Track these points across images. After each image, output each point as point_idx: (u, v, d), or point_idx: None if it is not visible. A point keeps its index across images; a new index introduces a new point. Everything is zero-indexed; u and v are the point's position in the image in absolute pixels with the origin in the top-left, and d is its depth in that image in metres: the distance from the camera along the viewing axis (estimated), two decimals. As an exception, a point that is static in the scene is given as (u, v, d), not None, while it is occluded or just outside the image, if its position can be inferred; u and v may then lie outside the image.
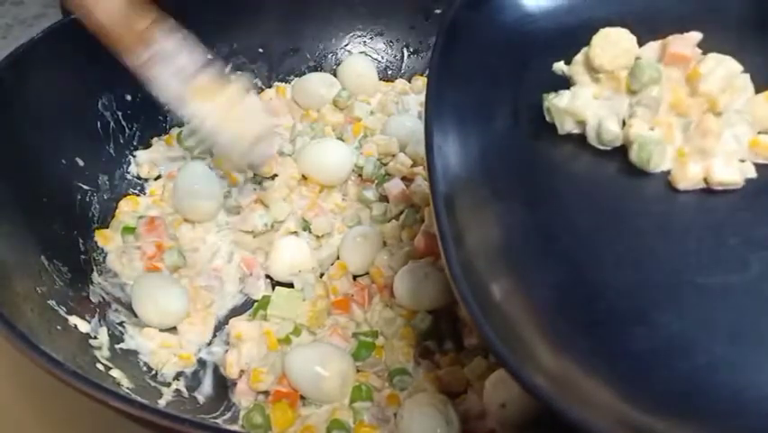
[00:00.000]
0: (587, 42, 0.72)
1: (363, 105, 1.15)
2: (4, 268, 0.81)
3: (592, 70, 0.72)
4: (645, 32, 0.72)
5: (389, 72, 1.24)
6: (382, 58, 1.24)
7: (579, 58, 0.74)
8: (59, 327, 0.82)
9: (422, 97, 1.16)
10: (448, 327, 0.88)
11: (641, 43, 0.72)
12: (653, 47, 0.71)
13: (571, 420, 0.49)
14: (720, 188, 0.66)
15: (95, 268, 0.96)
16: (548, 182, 0.69)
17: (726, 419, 0.52)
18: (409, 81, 1.22)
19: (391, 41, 1.24)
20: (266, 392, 0.83)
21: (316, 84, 1.17)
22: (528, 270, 0.62)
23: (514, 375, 0.51)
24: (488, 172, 0.69)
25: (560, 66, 0.74)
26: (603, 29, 0.72)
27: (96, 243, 0.99)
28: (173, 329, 0.91)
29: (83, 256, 0.96)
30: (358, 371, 0.84)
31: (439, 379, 0.83)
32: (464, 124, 0.71)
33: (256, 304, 0.92)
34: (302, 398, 0.82)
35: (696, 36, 0.70)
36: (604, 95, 0.71)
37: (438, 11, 1.19)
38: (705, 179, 0.66)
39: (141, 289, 0.92)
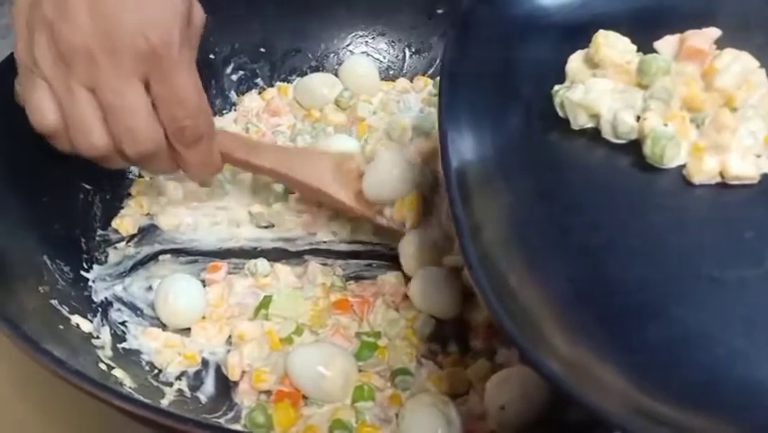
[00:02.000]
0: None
1: (366, 105, 1.14)
2: (5, 268, 0.81)
3: (595, 66, 0.73)
4: (661, 26, 0.72)
5: (391, 72, 1.24)
6: (384, 58, 1.24)
7: (576, 56, 0.74)
8: (61, 327, 0.82)
9: (423, 96, 1.17)
10: (453, 330, 0.88)
11: (656, 38, 0.72)
12: (669, 41, 0.71)
13: (588, 407, 0.49)
14: (736, 182, 0.66)
15: (97, 267, 0.96)
16: (563, 176, 0.69)
17: (744, 412, 0.52)
18: (411, 81, 1.22)
19: (393, 42, 1.24)
20: (268, 392, 0.83)
21: (318, 84, 1.17)
22: (544, 262, 0.62)
23: (531, 362, 0.51)
24: (502, 166, 0.69)
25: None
26: (601, 30, 0.73)
27: (97, 242, 0.99)
28: (182, 331, 0.91)
29: (85, 256, 0.96)
30: (360, 371, 0.84)
31: (441, 379, 0.83)
32: (478, 118, 0.71)
33: (257, 304, 0.91)
34: (304, 398, 0.82)
35: (714, 32, 0.70)
36: (617, 87, 0.71)
37: (440, 11, 1.19)
38: (720, 174, 0.66)
39: (166, 287, 0.91)
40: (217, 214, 1.04)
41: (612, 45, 0.72)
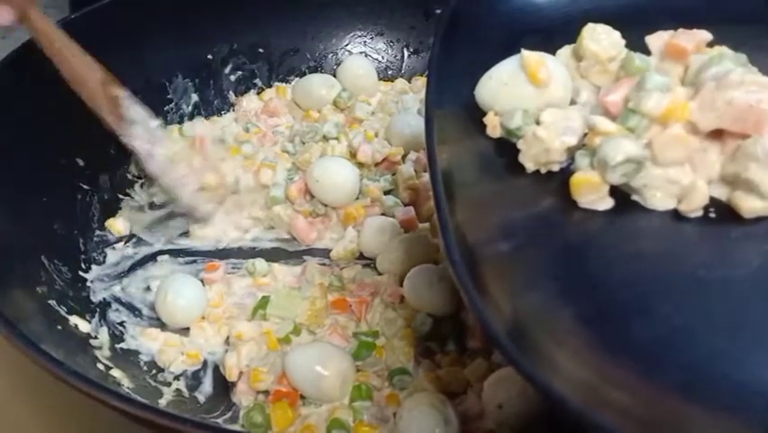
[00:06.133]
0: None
1: (364, 106, 1.15)
2: (4, 268, 0.82)
3: (581, 61, 0.72)
4: (655, 23, 0.72)
5: (390, 72, 1.25)
6: (382, 58, 1.24)
7: (564, 51, 0.74)
8: (59, 327, 0.83)
9: (422, 96, 1.16)
10: (451, 329, 0.87)
11: (649, 33, 0.72)
12: (661, 36, 0.71)
13: (570, 410, 0.48)
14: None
15: (95, 268, 0.96)
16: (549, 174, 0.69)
17: (728, 412, 0.52)
18: (409, 81, 1.23)
19: (391, 42, 1.24)
20: (266, 392, 0.83)
21: (317, 85, 1.17)
22: (529, 260, 0.62)
23: (515, 366, 0.51)
24: (489, 165, 0.69)
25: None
26: (590, 24, 0.72)
27: (96, 243, 0.99)
28: (180, 331, 0.91)
29: (83, 256, 0.96)
30: (358, 370, 0.84)
31: (439, 379, 0.83)
32: (466, 115, 0.71)
33: (255, 305, 0.92)
34: (302, 397, 0.82)
35: (705, 35, 0.70)
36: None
37: (439, 11, 1.17)
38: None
39: (166, 286, 0.92)
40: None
41: (597, 40, 0.71)
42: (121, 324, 0.91)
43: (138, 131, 1.01)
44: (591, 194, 0.64)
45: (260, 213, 1.04)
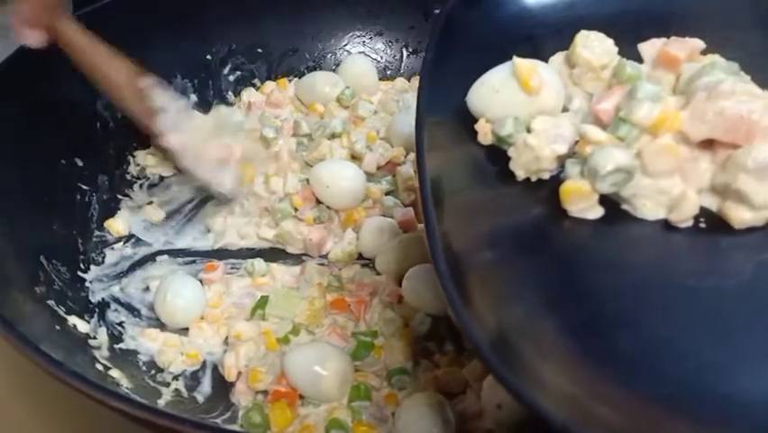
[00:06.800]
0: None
1: (366, 104, 1.15)
2: (3, 268, 0.82)
3: (574, 68, 0.73)
4: (650, 29, 0.72)
5: (388, 72, 1.24)
6: (381, 58, 1.24)
7: (557, 57, 0.74)
8: (58, 327, 0.83)
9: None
10: (450, 329, 0.87)
11: (642, 40, 0.72)
12: (653, 44, 0.71)
13: (554, 424, 0.49)
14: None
15: (94, 268, 0.96)
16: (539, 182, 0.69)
17: (714, 425, 0.52)
18: (409, 81, 1.22)
19: (390, 42, 1.24)
20: (265, 392, 0.83)
21: (321, 82, 1.18)
22: (517, 269, 0.62)
23: (498, 378, 0.51)
24: (479, 171, 0.70)
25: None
26: (583, 31, 0.72)
27: (95, 243, 0.99)
28: (180, 331, 0.92)
29: (82, 256, 0.96)
30: (356, 370, 0.84)
31: (437, 379, 0.83)
32: (457, 119, 0.71)
33: (254, 304, 0.92)
34: (301, 397, 0.82)
35: (698, 44, 0.70)
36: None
37: (437, 11, 1.17)
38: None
39: (165, 286, 0.92)
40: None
41: (590, 47, 0.71)
42: (120, 324, 0.91)
43: (168, 121, 1.00)
44: (581, 202, 0.64)
45: (268, 233, 1.03)
